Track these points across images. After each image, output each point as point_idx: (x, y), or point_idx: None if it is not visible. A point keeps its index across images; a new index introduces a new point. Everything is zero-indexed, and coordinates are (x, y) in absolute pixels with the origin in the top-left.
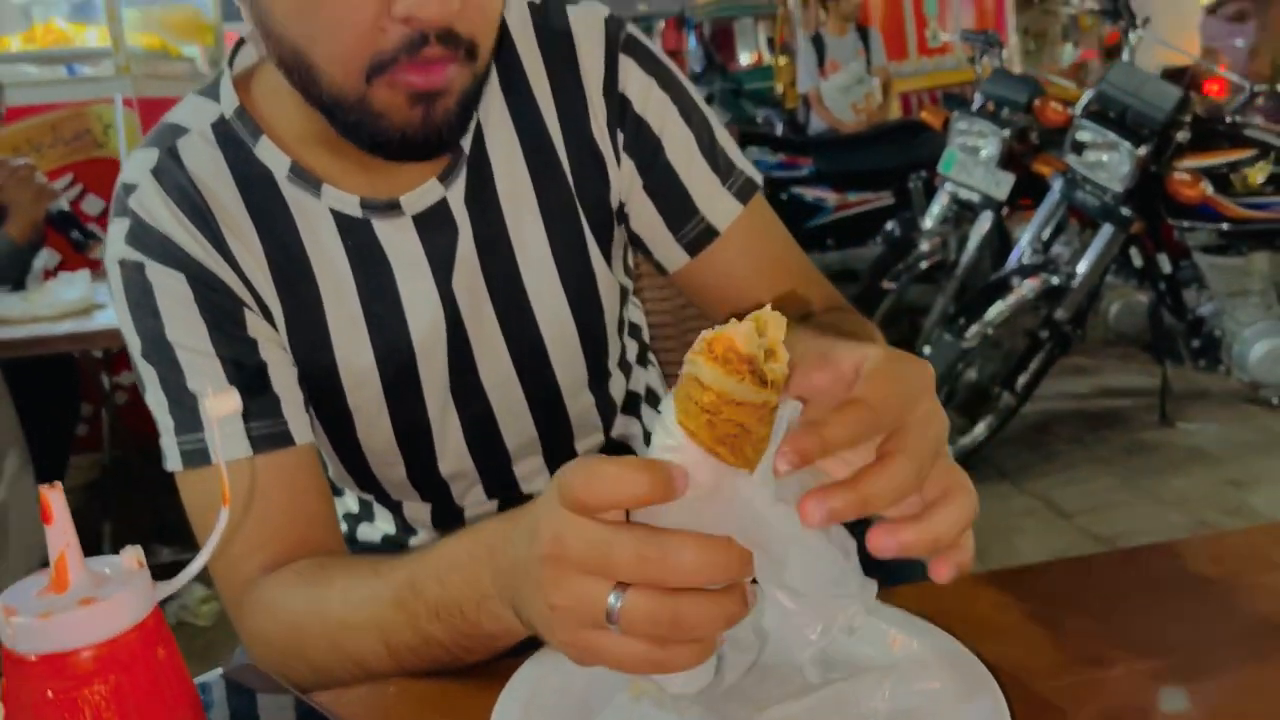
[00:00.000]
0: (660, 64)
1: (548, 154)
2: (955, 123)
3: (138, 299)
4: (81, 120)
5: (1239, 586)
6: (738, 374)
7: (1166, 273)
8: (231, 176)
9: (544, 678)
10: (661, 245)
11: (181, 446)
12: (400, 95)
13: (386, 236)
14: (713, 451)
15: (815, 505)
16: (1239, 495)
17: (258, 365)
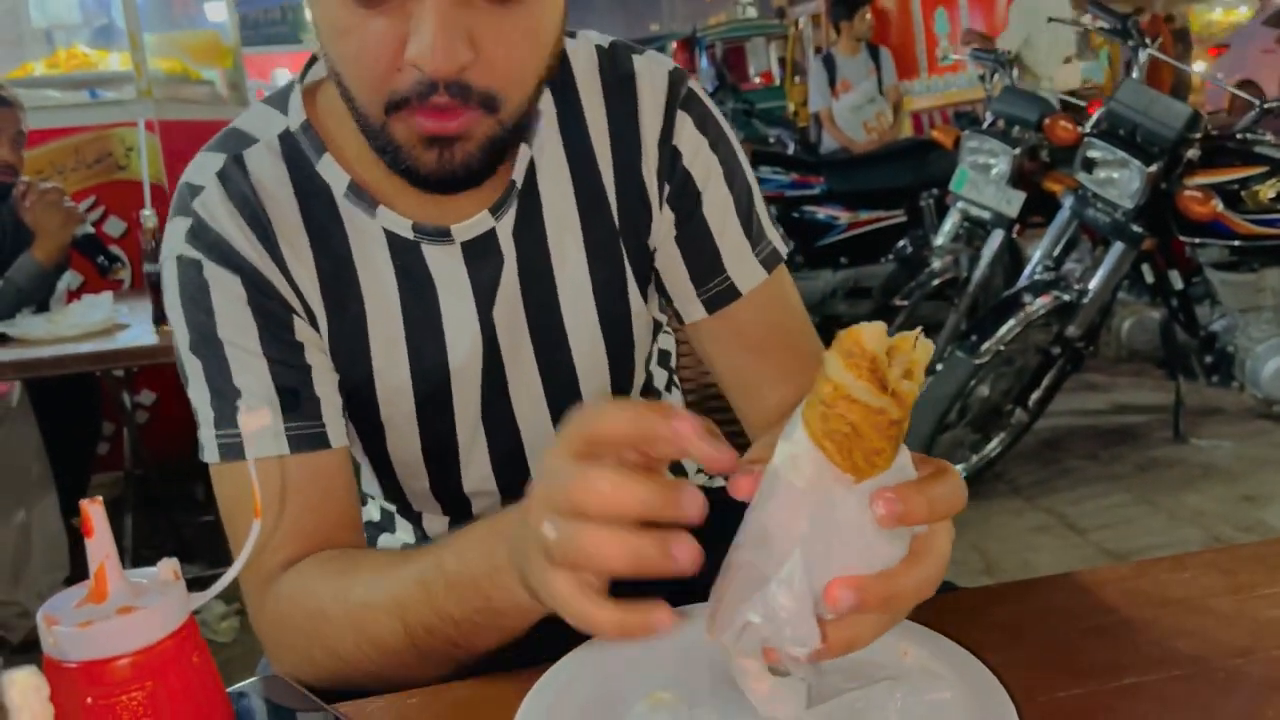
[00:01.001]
0: (715, 125)
1: (597, 193)
2: (966, 141)
3: (192, 295)
4: (104, 143)
5: (1251, 599)
6: (857, 369)
7: (1178, 289)
8: (292, 189)
9: (565, 687)
10: (682, 296)
11: (219, 440)
12: (414, 135)
13: (434, 261)
14: (819, 445)
15: (844, 594)
16: (1253, 511)
17: (302, 368)
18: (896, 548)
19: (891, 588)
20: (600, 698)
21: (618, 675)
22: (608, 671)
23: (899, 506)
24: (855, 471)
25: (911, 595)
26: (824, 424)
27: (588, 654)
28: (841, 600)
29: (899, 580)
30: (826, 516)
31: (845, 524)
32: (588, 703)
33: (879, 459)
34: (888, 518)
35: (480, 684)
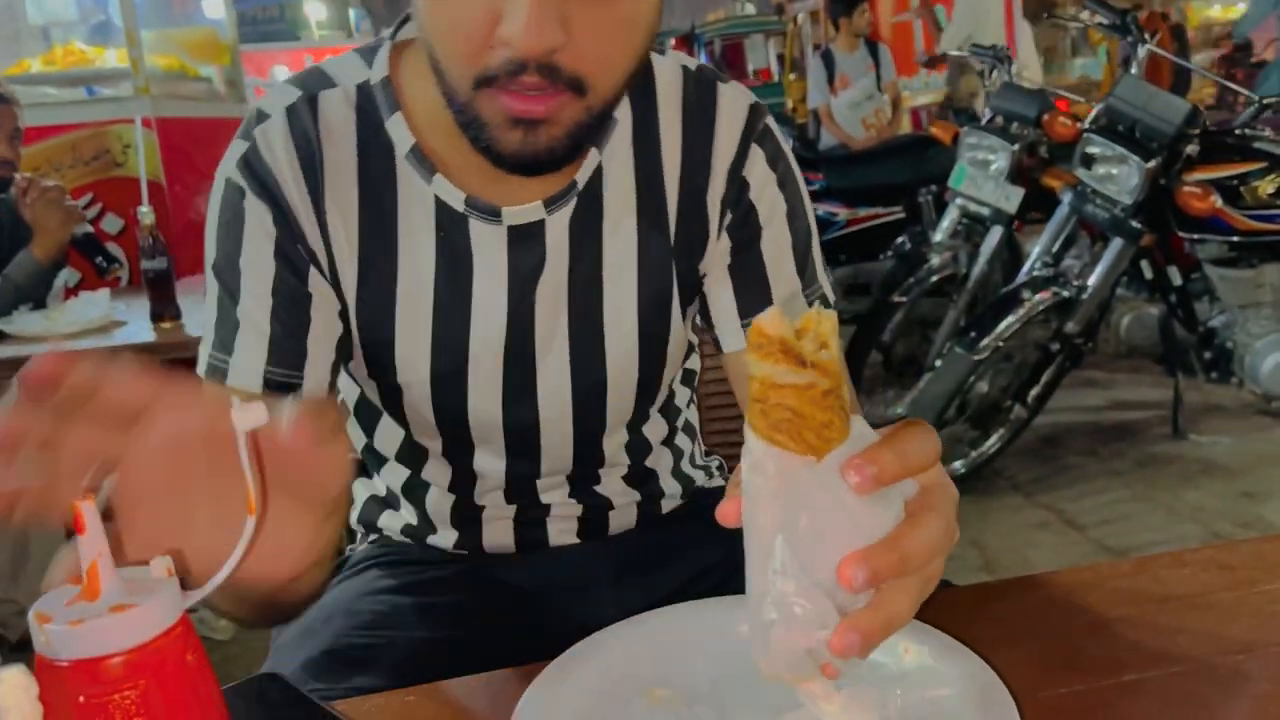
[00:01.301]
0: (786, 163)
1: (659, 210)
2: (965, 137)
3: (228, 220)
4: (101, 140)
5: (1252, 595)
6: (771, 357)
7: (1177, 285)
8: (356, 140)
9: (563, 683)
10: (725, 324)
11: (210, 359)
12: (500, 114)
13: (478, 238)
14: (772, 440)
15: (856, 569)
16: (1253, 508)
17: (302, 318)
18: (890, 513)
19: (899, 549)
20: (598, 694)
21: (616, 672)
22: (606, 668)
23: (870, 469)
24: (814, 451)
25: (925, 552)
26: (766, 419)
27: (586, 651)
28: (855, 576)
29: (904, 541)
30: (805, 502)
31: (826, 504)
32: (586, 699)
33: (830, 431)
34: (863, 483)
35: (479, 681)
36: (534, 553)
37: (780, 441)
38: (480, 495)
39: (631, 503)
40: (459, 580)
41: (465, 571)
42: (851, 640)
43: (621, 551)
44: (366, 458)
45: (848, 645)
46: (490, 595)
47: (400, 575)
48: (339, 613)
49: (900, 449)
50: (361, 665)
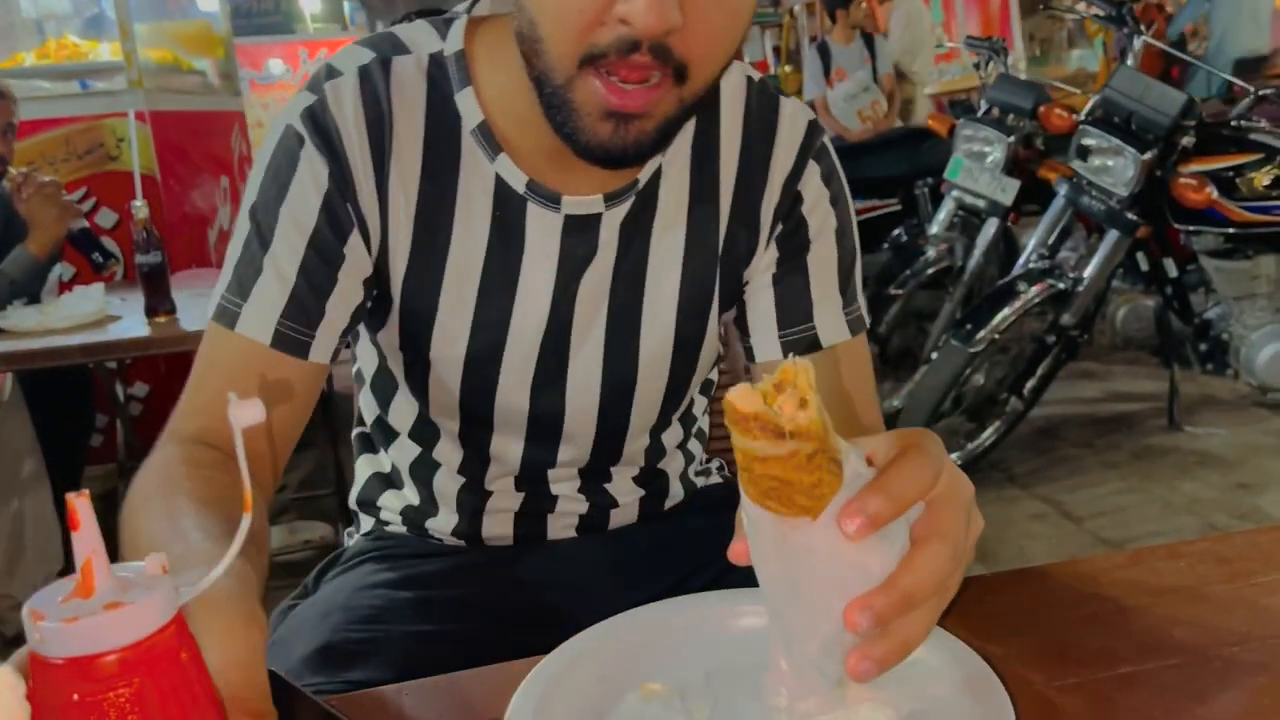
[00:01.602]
0: (839, 182)
1: (710, 216)
2: (961, 129)
3: (280, 165)
4: (95, 134)
5: (1248, 587)
6: (749, 433)
7: (1173, 277)
8: (425, 110)
9: (557, 678)
10: (762, 333)
11: (223, 301)
12: (597, 104)
13: (533, 223)
14: (764, 506)
15: (859, 615)
16: (1249, 499)
17: (329, 280)
18: (894, 548)
19: (900, 588)
20: (592, 689)
21: (610, 666)
22: (600, 663)
23: (861, 517)
24: (807, 511)
25: (929, 585)
26: (756, 488)
27: (580, 645)
28: (859, 622)
29: (905, 580)
30: (804, 558)
31: (826, 555)
32: (580, 694)
33: (821, 488)
34: (858, 533)
35: (473, 676)
36: (532, 545)
37: (773, 507)
38: (490, 480)
39: (635, 500)
40: (456, 574)
41: (463, 565)
42: (867, 669)
43: (620, 546)
44: (375, 432)
45: (864, 673)
46: (489, 589)
47: (397, 569)
48: (335, 608)
49: (891, 490)
50: (359, 660)
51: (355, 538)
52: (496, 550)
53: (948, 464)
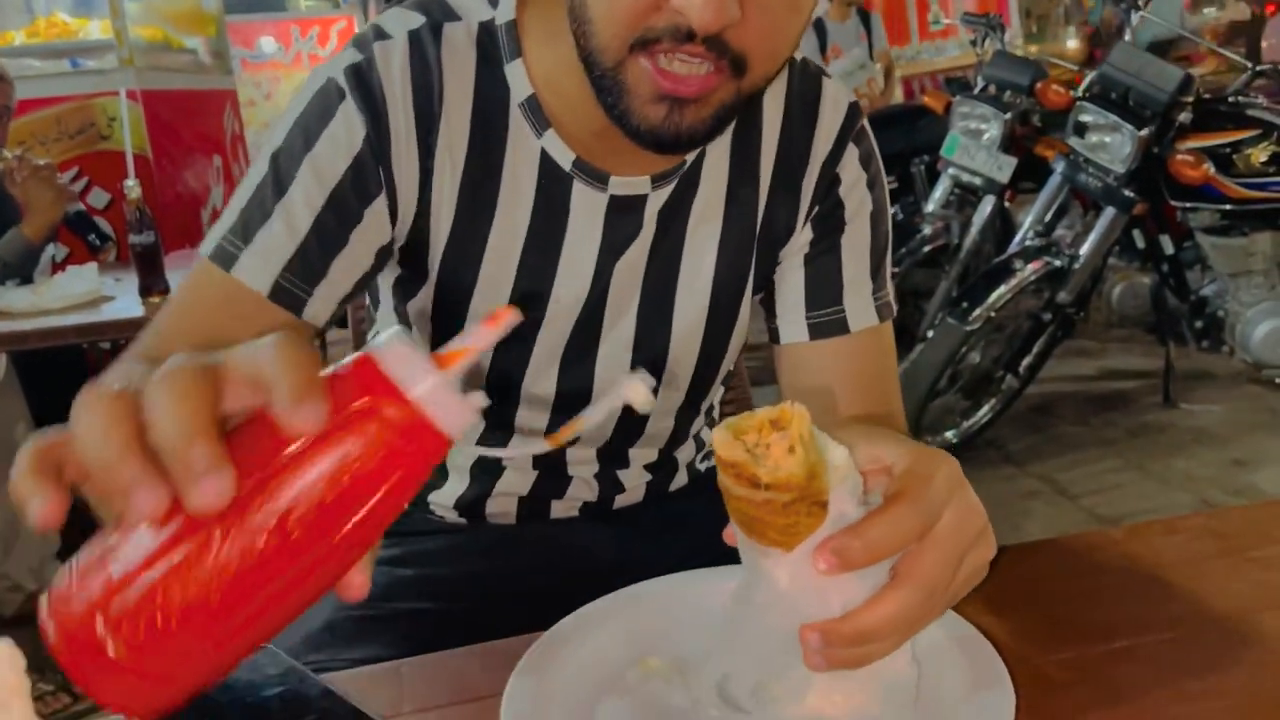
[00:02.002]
0: (876, 165)
1: (750, 199)
2: (957, 107)
3: (313, 115)
4: (86, 113)
5: (1243, 562)
6: (727, 475)
7: (1169, 254)
8: (475, 80)
9: (556, 655)
10: (789, 315)
11: (223, 241)
12: (649, 85)
13: (578, 201)
14: (741, 527)
15: (810, 637)
16: (1243, 475)
17: (339, 240)
18: (864, 585)
19: (859, 624)
20: (592, 664)
21: (609, 642)
22: (599, 638)
23: (836, 560)
24: (779, 545)
25: (891, 625)
26: (734, 515)
27: (579, 622)
28: (810, 644)
29: (866, 616)
30: (771, 584)
31: (794, 588)
32: (579, 670)
33: (797, 529)
34: (828, 571)
35: (471, 653)
36: (535, 524)
37: (746, 534)
38: (508, 454)
39: (642, 484)
40: (458, 551)
41: (464, 542)
42: (817, 664)
43: (623, 526)
44: None
45: (814, 665)
46: (491, 567)
47: (398, 546)
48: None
49: (871, 538)
50: (362, 638)
51: None
52: (499, 529)
53: (958, 499)
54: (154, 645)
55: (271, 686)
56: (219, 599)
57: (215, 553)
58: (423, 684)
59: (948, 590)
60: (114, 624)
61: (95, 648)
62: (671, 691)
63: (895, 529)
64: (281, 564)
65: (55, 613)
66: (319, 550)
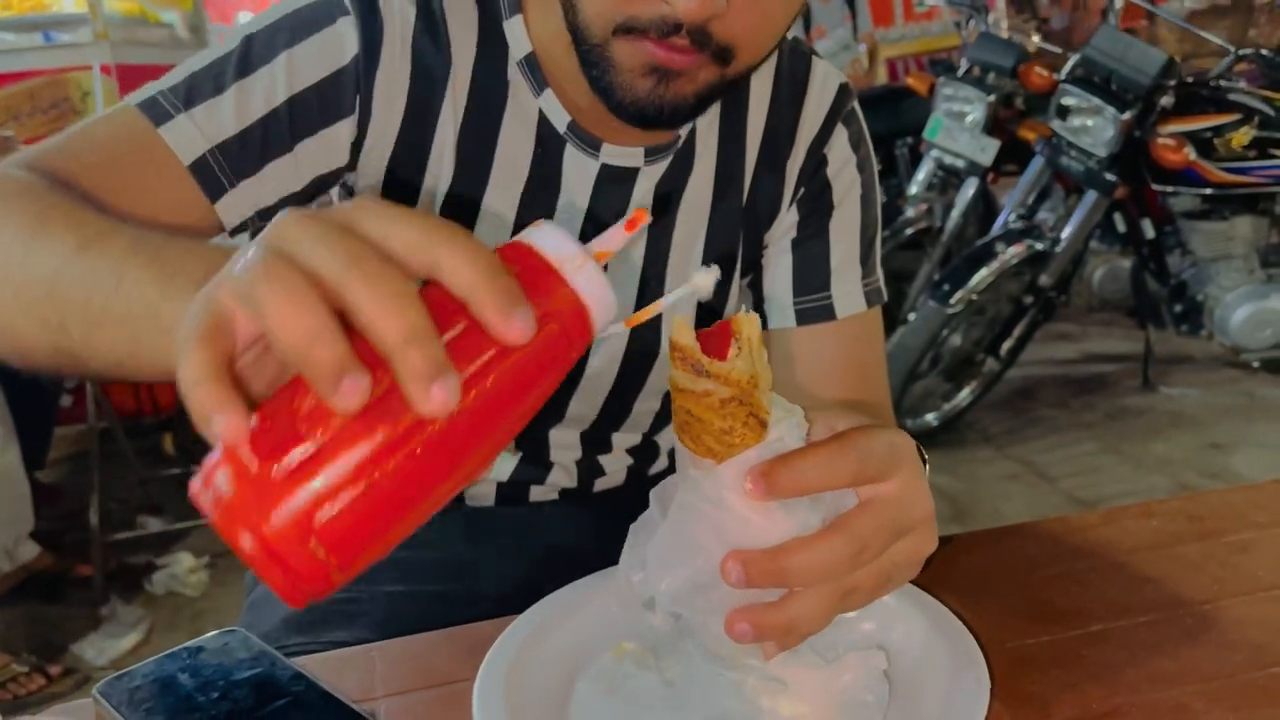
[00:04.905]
0: (866, 147)
1: (735, 176)
2: (941, 88)
3: (306, 15)
4: (59, 88)
5: (1218, 546)
6: (679, 364)
7: (1150, 238)
8: (477, 36)
9: (530, 639)
10: (777, 300)
11: (158, 96)
12: (638, 60)
13: (570, 165)
14: (679, 438)
15: (731, 566)
16: (1220, 458)
17: (288, 144)
18: (790, 520)
19: (779, 562)
20: (566, 648)
21: (584, 626)
22: (574, 622)
23: (763, 481)
24: (712, 454)
25: (814, 571)
26: (676, 418)
27: (553, 605)
28: (730, 573)
29: (787, 556)
30: (695, 501)
31: (717, 505)
32: (553, 654)
33: (731, 437)
34: (753, 491)
35: (444, 637)
36: (514, 506)
37: (685, 441)
38: None
39: (623, 468)
40: (436, 534)
41: (442, 524)
42: (743, 630)
43: (603, 509)
44: None
45: (739, 633)
46: (470, 549)
47: None
48: None
49: (799, 467)
50: (341, 620)
51: None
52: (477, 511)
53: (908, 474)
54: (357, 544)
55: (243, 670)
56: (419, 490)
57: (415, 444)
58: (396, 668)
59: (876, 560)
60: (323, 531)
61: (295, 549)
62: (646, 676)
63: (826, 464)
64: (465, 448)
65: (239, 506)
66: (497, 433)
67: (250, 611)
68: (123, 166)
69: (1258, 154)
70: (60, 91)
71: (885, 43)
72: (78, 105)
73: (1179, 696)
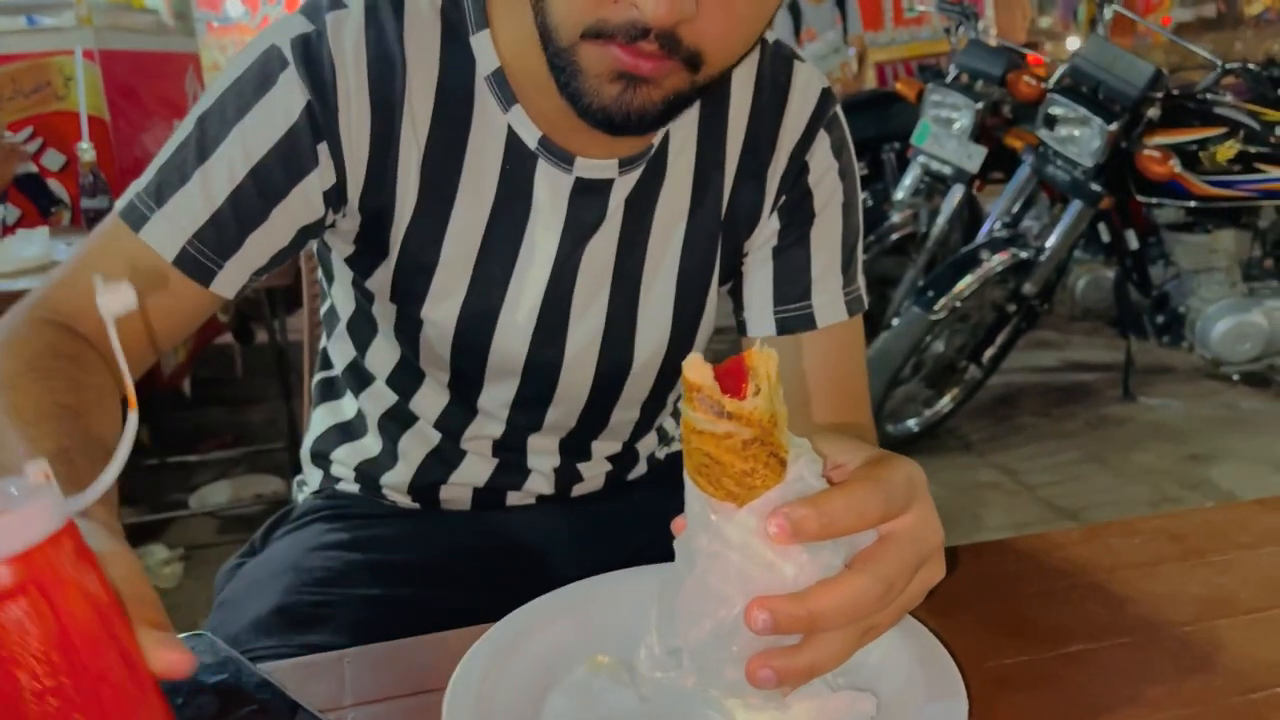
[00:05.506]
0: (848, 154)
1: (715, 183)
2: (929, 94)
3: (249, 82)
4: (41, 72)
5: (1201, 566)
6: (691, 403)
7: (1133, 249)
8: (439, 53)
9: (502, 649)
10: (756, 308)
11: (136, 200)
12: (605, 65)
13: (542, 182)
14: (695, 480)
15: (758, 613)
16: (1199, 469)
17: (258, 214)
18: (815, 563)
19: (811, 605)
20: (539, 660)
21: (558, 637)
22: (548, 633)
23: (787, 525)
24: (733, 498)
25: (844, 611)
26: (691, 461)
27: (528, 616)
28: (756, 620)
29: (819, 598)
30: (719, 549)
31: (742, 550)
32: (526, 665)
33: (753, 479)
34: (777, 536)
35: (416, 644)
36: (490, 511)
37: (701, 484)
38: (467, 439)
39: (602, 474)
40: (411, 537)
41: (417, 528)
42: (766, 676)
43: (580, 514)
44: (346, 377)
45: (762, 679)
46: (445, 553)
47: (348, 529)
48: (286, 568)
49: (827, 510)
50: (314, 624)
51: (305, 494)
52: (452, 515)
53: (922, 505)
54: None
55: (209, 676)
56: None
57: None
58: (366, 676)
59: (901, 595)
60: None
61: None
62: (621, 690)
63: (856, 507)
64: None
65: None
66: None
67: (219, 612)
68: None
69: (1242, 168)
70: (42, 75)
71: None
72: (60, 90)
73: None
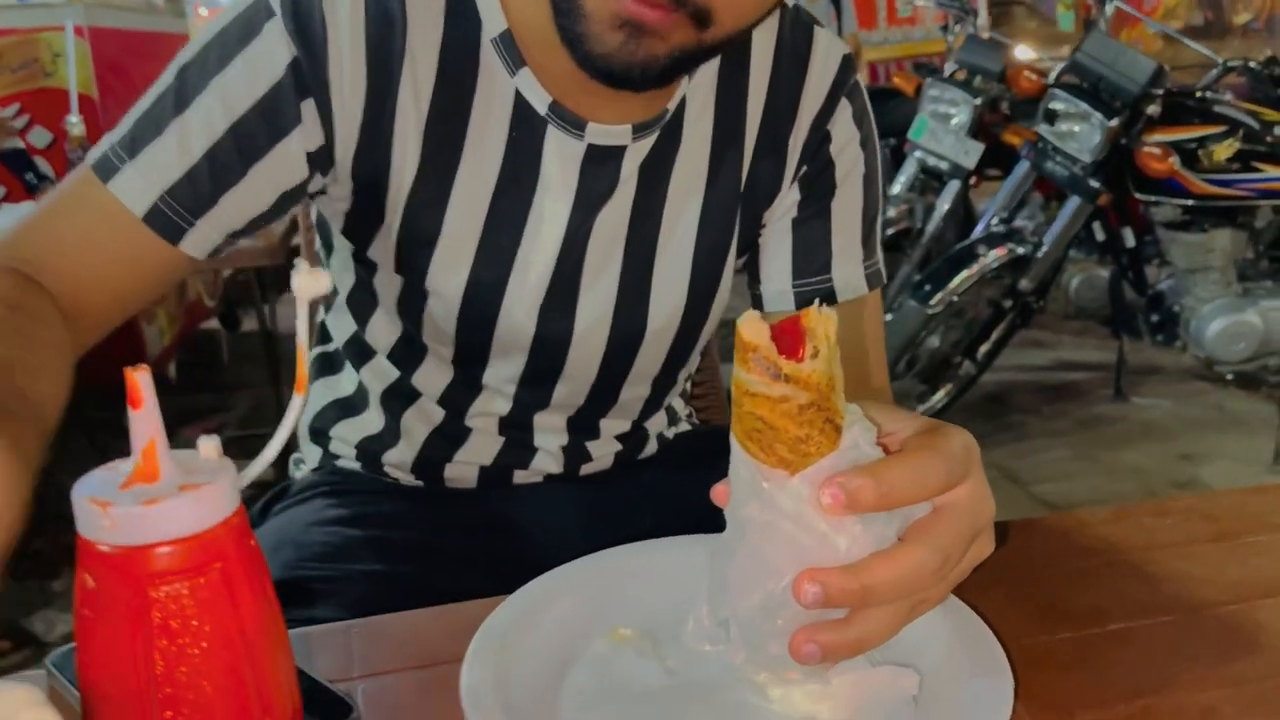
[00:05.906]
0: (869, 123)
1: (734, 151)
2: (927, 89)
3: (233, 33)
4: (30, 48)
5: (1236, 546)
6: (746, 364)
7: (1129, 247)
8: (442, 15)
9: (521, 620)
10: (775, 282)
11: (108, 152)
12: (609, 10)
13: (552, 149)
14: (745, 447)
15: (809, 586)
16: (1190, 469)
17: (236, 172)
18: (869, 534)
19: (862, 580)
20: (559, 631)
21: (579, 608)
22: (568, 604)
23: (842, 494)
24: (785, 465)
25: (899, 585)
26: (741, 425)
27: (548, 585)
28: (807, 593)
29: (869, 574)
30: (770, 517)
31: (794, 519)
32: (546, 636)
33: (808, 446)
34: (832, 506)
35: (425, 616)
36: (496, 488)
37: (752, 450)
38: (472, 416)
39: (611, 453)
40: (414, 514)
41: (421, 505)
42: (811, 651)
43: (589, 492)
44: (346, 351)
45: (806, 655)
46: (449, 531)
47: (349, 505)
48: (286, 543)
49: (885, 480)
50: (315, 598)
51: (303, 471)
52: (459, 493)
53: (975, 477)
54: None
55: None
56: None
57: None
58: (373, 647)
59: (955, 568)
60: None
61: None
62: (645, 663)
63: (918, 477)
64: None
65: None
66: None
67: None
68: (86, 232)
69: (1240, 167)
70: (30, 51)
71: (868, 46)
72: (48, 66)
73: (1208, 700)
